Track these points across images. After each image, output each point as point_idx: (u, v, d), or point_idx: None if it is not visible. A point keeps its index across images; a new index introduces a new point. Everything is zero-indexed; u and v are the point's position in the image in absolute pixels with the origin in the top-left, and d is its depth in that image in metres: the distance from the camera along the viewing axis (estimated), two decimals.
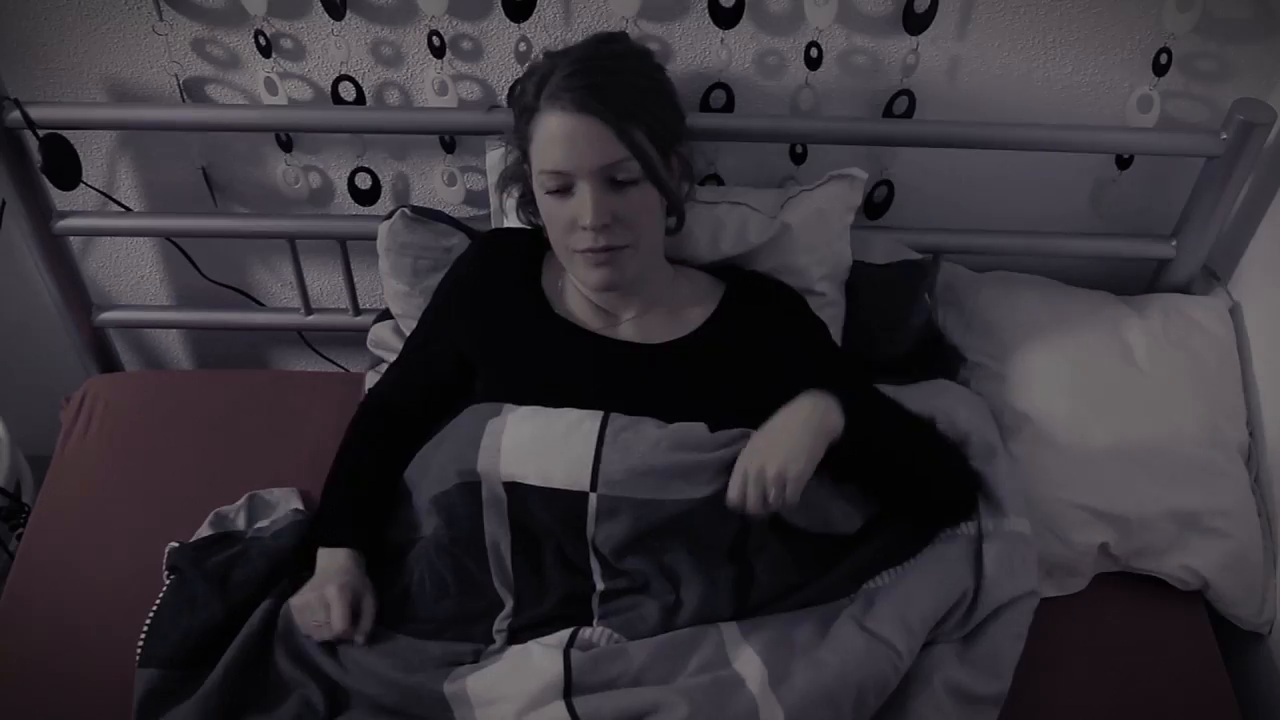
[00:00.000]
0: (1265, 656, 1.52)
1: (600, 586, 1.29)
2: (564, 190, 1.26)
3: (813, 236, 1.51)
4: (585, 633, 1.26)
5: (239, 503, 1.53)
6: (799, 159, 1.64)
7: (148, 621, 1.34)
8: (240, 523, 1.50)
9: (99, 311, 1.77)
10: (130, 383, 1.77)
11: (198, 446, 1.64)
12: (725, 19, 1.49)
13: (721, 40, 1.53)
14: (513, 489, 1.26)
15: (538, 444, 1.26)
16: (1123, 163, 1.65)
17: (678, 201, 1.36)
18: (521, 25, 1.52)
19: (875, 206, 1.69)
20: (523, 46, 1.54)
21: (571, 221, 1.27)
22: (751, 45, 1.55)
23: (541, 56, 1.29)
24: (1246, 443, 1.55)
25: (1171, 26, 1.48)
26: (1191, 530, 1.47)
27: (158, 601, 1.36)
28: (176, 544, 1.44)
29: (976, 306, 1.64)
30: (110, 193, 1.71)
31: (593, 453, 1.24)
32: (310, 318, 1.78)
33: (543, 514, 1.26)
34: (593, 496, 1.23)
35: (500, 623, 1.29)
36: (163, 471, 1.60)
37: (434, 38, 1.52)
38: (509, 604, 1.30)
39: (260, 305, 1.88)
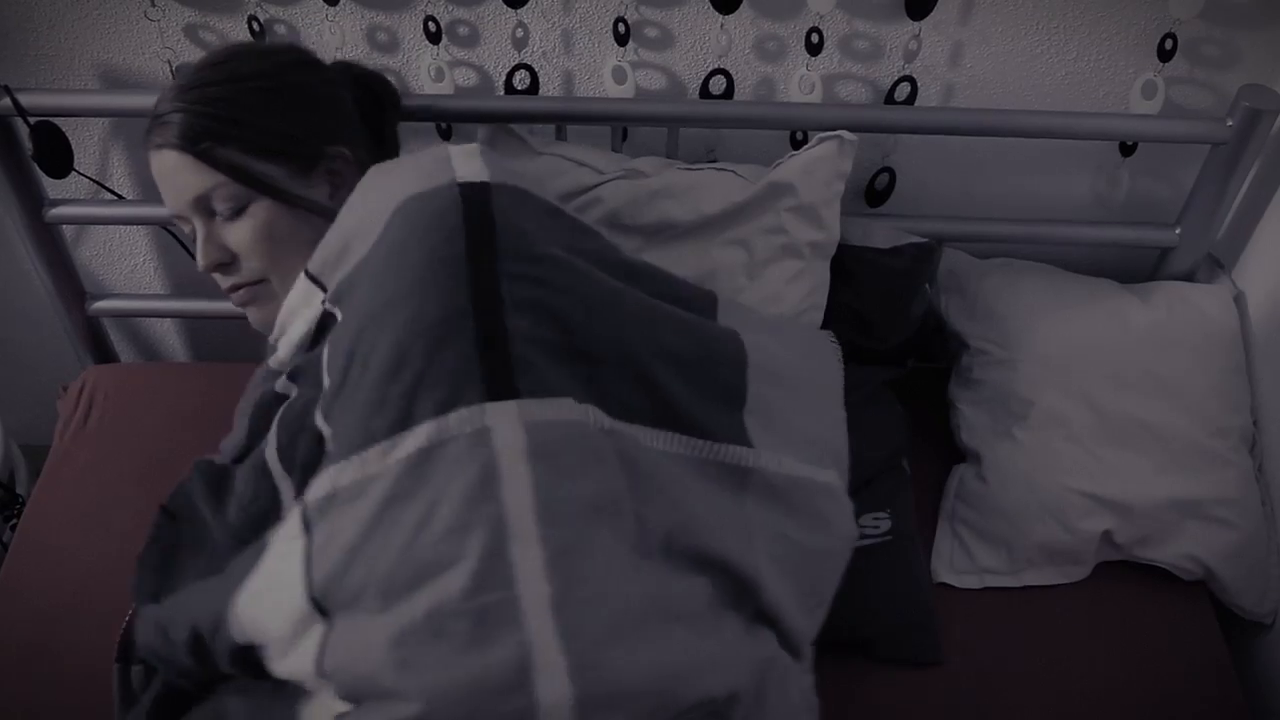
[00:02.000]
0: (1270, 647, 1.52)
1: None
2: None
3: (799, 198, 1.46)
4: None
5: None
6: (800, 145, 1.62)
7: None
8: None
9: (93, 300, 1.75)
10: (130, 373, 1.76)
11: (198, 438, 1.61)
12: (725, 4, 1.47)
13: (721, 25, 1.51)
14: None
15: None
16: (1126, 150, 1.63)
17: (326, 210, 1.16)
18: (519, 11, 1.50)
19: (877, 194, 1.68)
20: (520, 32, 1.53)
21: None
22: (751, 30, 1.53)
23: None
24: (1251, 431, 1.54)
25: (1177, 11, 1.47)
26: (1195, 519, 1.47)
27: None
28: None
29: (979, 293, 1.63)
30: (103, 180, 1.70)
31: None
32: None
33: None
34: None
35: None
36: (165, 463, 1.58)
37: (430, 23, 1.50)
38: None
39: None
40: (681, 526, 1.01)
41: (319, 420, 1.02)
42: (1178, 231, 1.65)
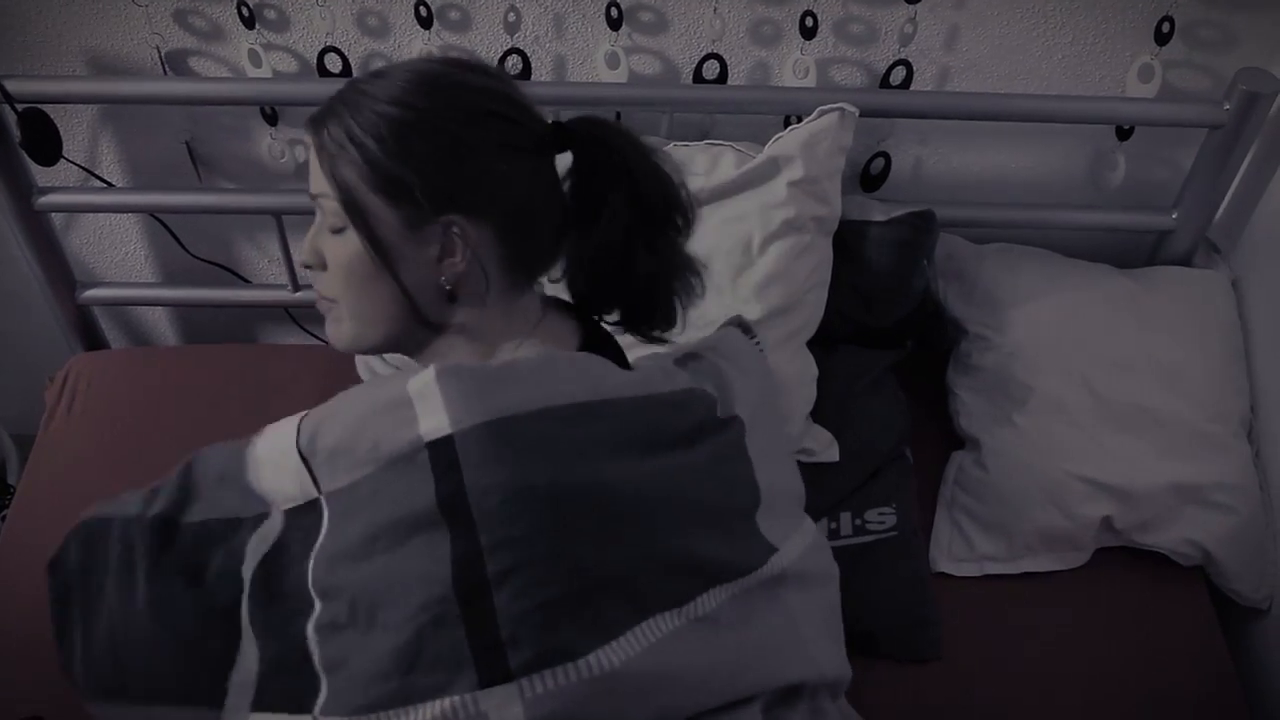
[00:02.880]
0: (1265, 632, 1.52)
1: None
2: None
3: (800, 170, 1.44)
4: None
5: None
6: None
7: None
8: None
9: (83, 289, 1.74)
10: (114, 360, 1.75)
11: (183, 423, 1.62)
12: None
13: (715, 9, 1.50)
14: None
15: None
16: (1123, 133, 1.62)
17: (409, 277, 1.04)
18: None
19: (873, 179, 1.67)
20: (511, 17, 1.51)
21: None
22: (745, 14, 1.52)
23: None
24: (1248, 416, 1.54)
25: None
26: (1194, 504, 1.47)
27: None
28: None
29: (978, 278, 1.62)
30: (92, 168, 1.68)
31: None
32: (298, 294, 1.74)
33: None
34: None
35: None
36: (148, 449, 1.58)
37: (421, 8, 1.49)
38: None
39: (246, 282, 1.85)
40: (738, 679, 1.01)
41: (310, 637, 1.00)
42: (1175, 216, 1.64)
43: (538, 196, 1.07)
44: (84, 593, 1.10)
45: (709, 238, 1.45)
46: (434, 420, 0.96)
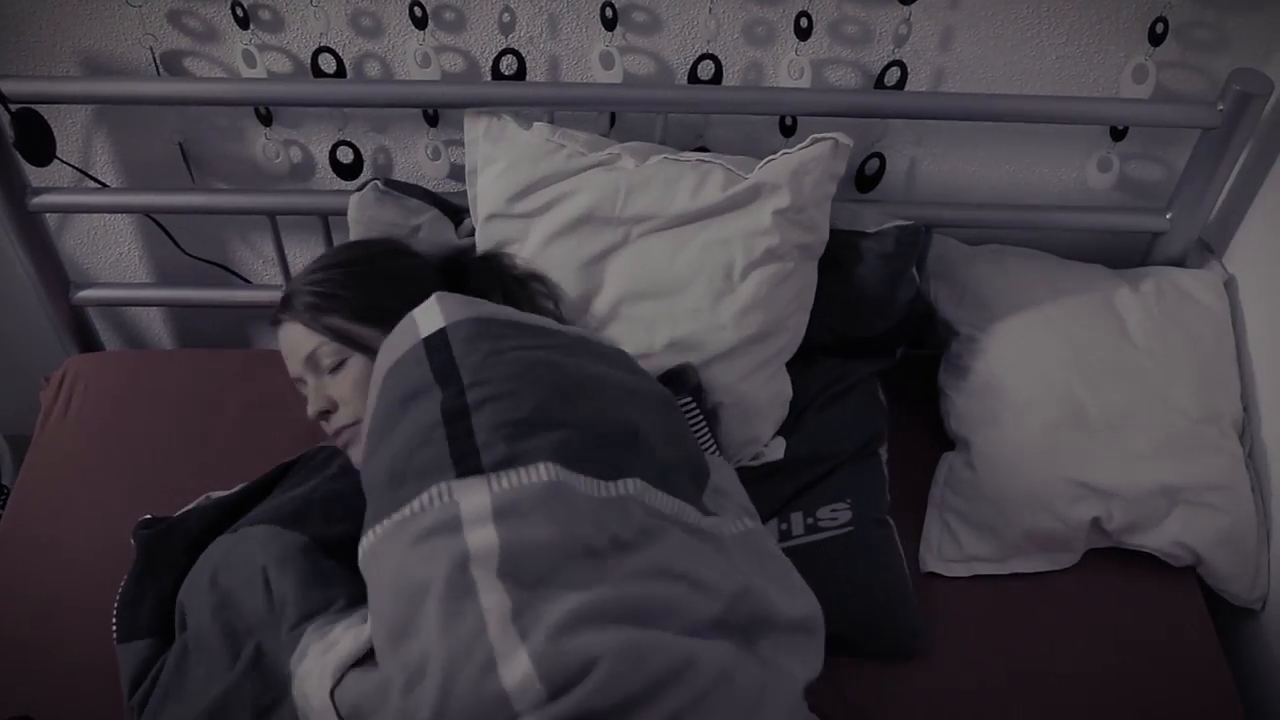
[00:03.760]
0: (1259, 633, 1.52)
1: None
2: None
3: (787, 199, 1.42)
4: None
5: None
6: (789, 131, 1.61)
7: (116, 601, 1.32)
8: None
9: (77, 290, 1.74)
10: (111, 362, 1.75)
11: (179, 425, 1.62)
12: None
13: (710, 10, 1.50)
14: None
15: None
16: (1117, 134, 1.63)
17: None
18: None
19: (867, 179, 1.67)
20: (506, 18, 1.51)
21: None
22: (740, 15, 1.52)
23: None
24: (1240, 417, 1.54)
25: None
26: (1184, 505, 1.47)
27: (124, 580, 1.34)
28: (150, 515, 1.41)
29: (969, 280, 1.62)
30: (86, 168, 1.68)
31: None
32: None
33: None
34: None
35: None
36: (144, 451, 1.59)
37: (416, 8, 1.49)
38: None
39: (242, 282, 1.85)
40: (670, 565, 1.10)
41: None
42: (1168, 216, 1.64)
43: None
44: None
45: (690, 259, 1.45)
46: (430, 323, 1.20)
